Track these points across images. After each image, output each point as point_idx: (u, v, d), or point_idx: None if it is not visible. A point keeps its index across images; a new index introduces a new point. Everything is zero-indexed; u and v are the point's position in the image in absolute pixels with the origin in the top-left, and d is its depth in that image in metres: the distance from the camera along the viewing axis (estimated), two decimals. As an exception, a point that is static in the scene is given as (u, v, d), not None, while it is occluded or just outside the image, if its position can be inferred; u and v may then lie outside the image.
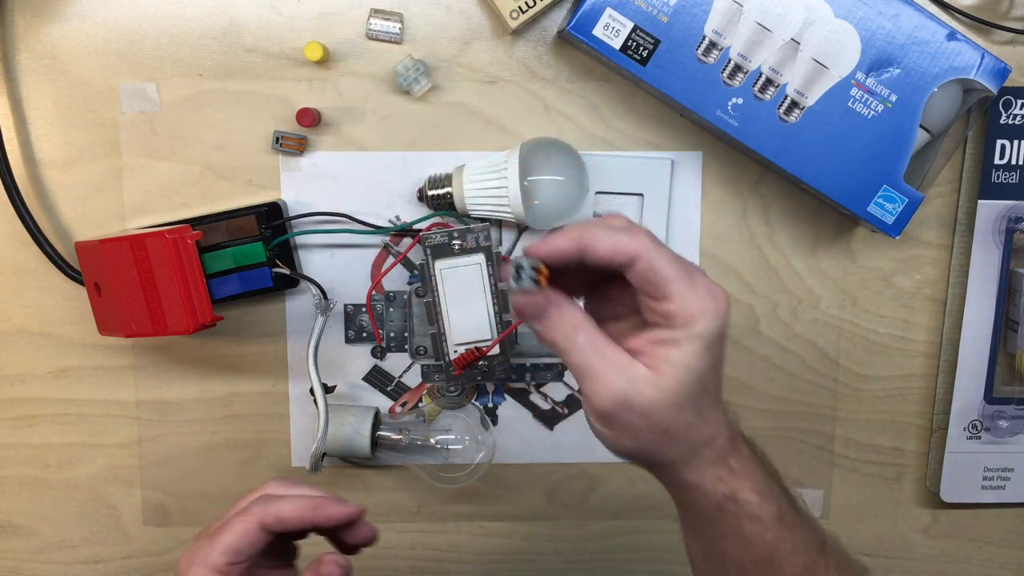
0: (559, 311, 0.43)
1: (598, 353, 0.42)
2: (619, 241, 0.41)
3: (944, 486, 0.67)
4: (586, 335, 0.42)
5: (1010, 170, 0.62)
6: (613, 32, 0.56)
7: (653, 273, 0.41)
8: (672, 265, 0.41)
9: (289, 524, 0.45)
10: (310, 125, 0.60)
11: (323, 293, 0.60)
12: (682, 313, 0.41)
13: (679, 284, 0.41)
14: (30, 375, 0.64)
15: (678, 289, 0.41)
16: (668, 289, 0.41)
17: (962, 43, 0.57)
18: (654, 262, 0.41)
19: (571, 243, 0.42)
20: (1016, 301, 0.64)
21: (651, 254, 0.41)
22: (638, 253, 0.41)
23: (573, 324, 0.43)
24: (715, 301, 0.42)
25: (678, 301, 0.41)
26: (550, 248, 0.42)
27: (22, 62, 0.60)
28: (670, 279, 0.41)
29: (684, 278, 0.41)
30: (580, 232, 0.42)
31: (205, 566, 0.44)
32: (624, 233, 0.42)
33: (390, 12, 0.60)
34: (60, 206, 0.62)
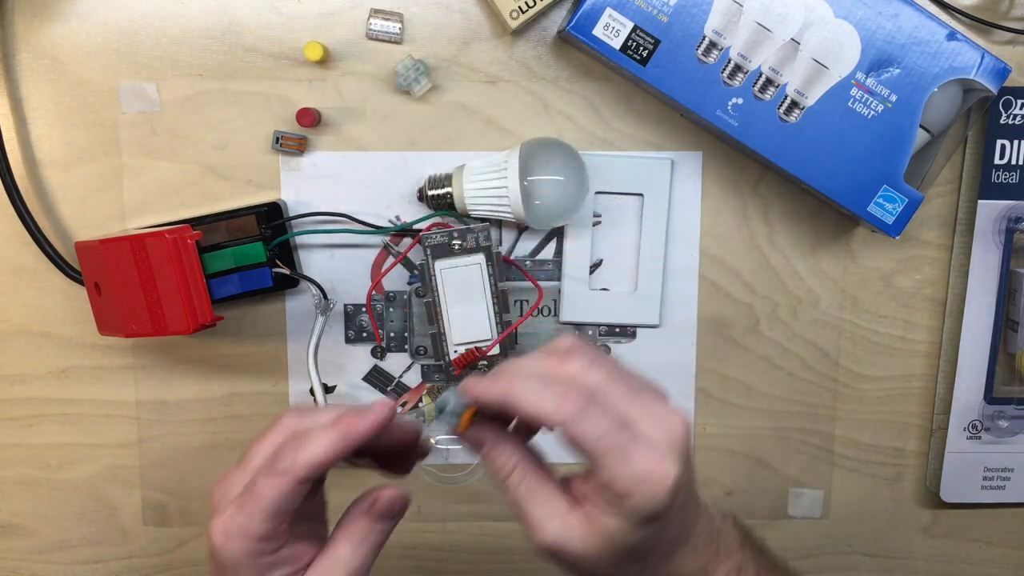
0: (491, 450, 0.42)
1: (532, 497, 0.41)
2: (543, 405, 0.39)
3: (944, 486, 0.67)
4: (520, 476, 0.41)
5: (1010, 170, 0.62)
6: (613, 32, 0.56)
7: (578, 445, 0.39)
8: (602, 438, 0.38)
9: (326, 466, 0.40)
10: (310, 125, 0.60)
11: (323, 293, 0.60)
12: (612, 488, 0.38)
13: (609, 458, 0.38)
14: (30, 375, 0.64)
15: (608, 463, 0.38)
16: (595, 462, 0.38)
17: (962, 43, 0.57)
18: (579, 434, 0.38)
19: (497, 396, 0.40)
20: (1016, 301, 0.64)
21: (576, 425, 0.38)
22: (563, 422, 0.38)
23: (505, 465, 0.41)
24: (651, 481, 0.38)
25: (606, 475, 0.38)
26: (477, 393, 0.40)
27: (22, 62, 0.60)
28: (597, 455, 0.38)
29: (615, 453, 0.38)
30: (508, 385, 0.40)
31: (247, 537, 0.40)
32: (551, 396, 0.39)
33: (390, 12, 0.60)
34: (60, 206, 0.62)
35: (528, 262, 0.63)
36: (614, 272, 0.64)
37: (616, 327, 0.65)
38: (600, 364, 0.41)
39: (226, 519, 0.40)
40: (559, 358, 0.41)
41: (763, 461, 0.67)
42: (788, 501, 0.68)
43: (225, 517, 0.40)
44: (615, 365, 0.42)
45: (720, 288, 0.64)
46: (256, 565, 0.40)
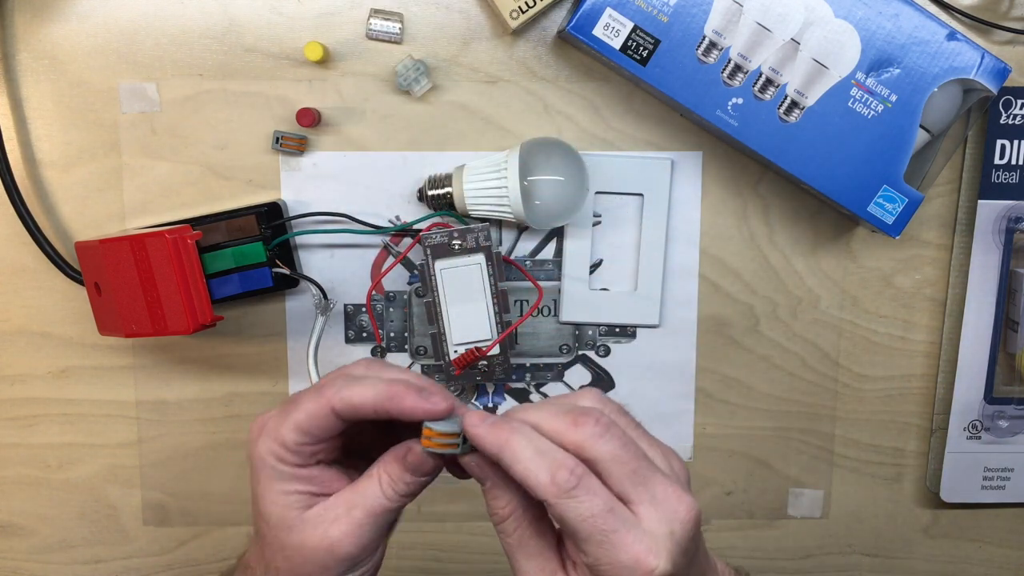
0: (491, 490, 0.40)
1: (522, 548, 0.40)
2: (533, 474, 0.37)
3: (944, 486, 0.67)
4: (515, 524, 0.40)
5: (1010, 170, 0.62)
6: (613, 32, 0.56)
7: (563, 524, 0.37)
8: (587, 521, 0.37)
9: (361, 412, 0.40)
10: (310, 125, 0.60)
11: (323, 293, 0.60)
12: (595, 572, 0.37)
13: (593, 544, 0.37)
14: (30, 375, 0.64)
15: (592, 551, 0.37)
16: (579, 546, 0.37)
17: (962, 43, 0.57)
18: (564, 514, 0.37)
19: (492, 448, 0.38)
20: (1016, 301, 0.64)
21: (561, 504, 0.37)
22: (547, 498, 0.37)
23: (503, 509, 0.40)
24: (650, 565, 0.36)
25: (591, 559, 0.37)
26: (475, 436, 0.39)
27: (22, 62, 0.60)
28: (581, 538, 0.37)
29: (600, 539, 0.37)
30: (506, 440, 0.38)
31: (274, 439, 0.41)
32: (544, 465, 0.37)
33: (390, 12, 0.60)
34: (60, 206, 0.62)
35: (528, 262, 0.63)
36: (614, 272, 0.64)
37: (616, 327, 0.65)
38: (613, 434, 0.38)
39: (265, 417, 0.42)
40: (572, 420, 0.39)
41: (763, 461, 0.67)
42: (788, 501, 0.68)
43: (265, 415, 0.42)
44: (632, 432, 0.40)
45: (720, 288, 0.64)
46: (276, 470, 0.41)
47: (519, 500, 0.40)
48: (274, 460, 0.41)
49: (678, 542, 0.37)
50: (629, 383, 0.65)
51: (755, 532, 0.68)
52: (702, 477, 0.67)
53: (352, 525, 0.41)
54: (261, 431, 0.42)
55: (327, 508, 0.42)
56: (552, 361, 0.65)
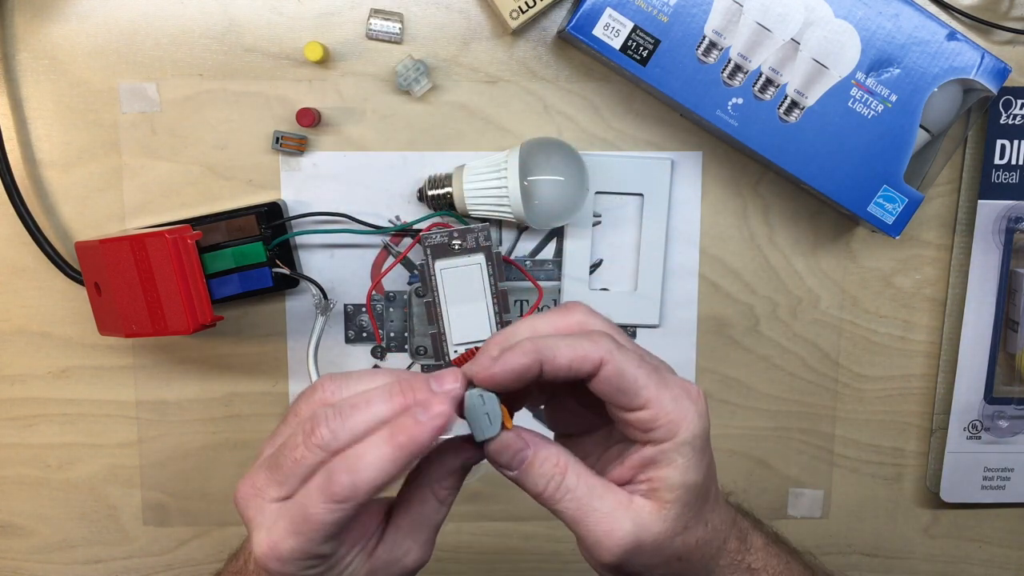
0: (539, 454, 0.38)
1: (595, 495, 0.38)
2: (581, 348, 0.37)
3: (944, 486, 0.67)
4: (576, 476, 0.38)
5: (1010, 170, 0.62)
6: (613, 32, 0.56)
7: (622, 379, 0.37)
8: (641, 367, 0.37)
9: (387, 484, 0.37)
10: (310, 125, 0.60)
11: (323, 293, 0.60)
12: (663, 421, 0.37)
13: (653, 388, 0.37)
14: (30, 375, 0.64)
15: (653, 394, 0.37)
16: (642, 395, 0.37)
17: (962, 43, 0.57)
18: (622, 366, 0.37)
19: (528, 358, 0.36)
20: (1016, 301, 0.64)
21: (616, 358, 0.37)
22: (603, 359, 0.37)
23: (559, 466, 0.38)
24: (693, 401, 0.38)
25: (656, 407, 0.37)
26: (506, 369, 0.36)
27: (22, 62, 0.60)
28: (642, 384, 0.37)
29: (656, 380, 0.37)
30: (536, 346, 0.37)
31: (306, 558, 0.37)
32: (584, 339, 0.37)
33: (390, 12, 0.60)
34: (60, 206, 0.62)
35: (528, 262, 0.63)
36: (614, 272, 0.64)
37: (616, 327, 0.65)
38: (597, 314, 0.40)
39: (277, 542, 0.37)
40: (562, 311, 0.39)
41: (763, 461, 0.67)
42: (788, 501, 0.68)
43: (276, 539, 0.37)
44: (637, 347, 0.40)
45: (720, 288, 0.64)
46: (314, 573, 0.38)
47: (565, 450, 0.39)
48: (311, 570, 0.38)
49: (702, 416, 0.39)
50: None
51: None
52: (702, 477, 0.67)
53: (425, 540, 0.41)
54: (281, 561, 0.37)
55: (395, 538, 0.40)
56: (552, 361, 0.65)
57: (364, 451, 0.36)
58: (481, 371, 0.37)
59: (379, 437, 0.36)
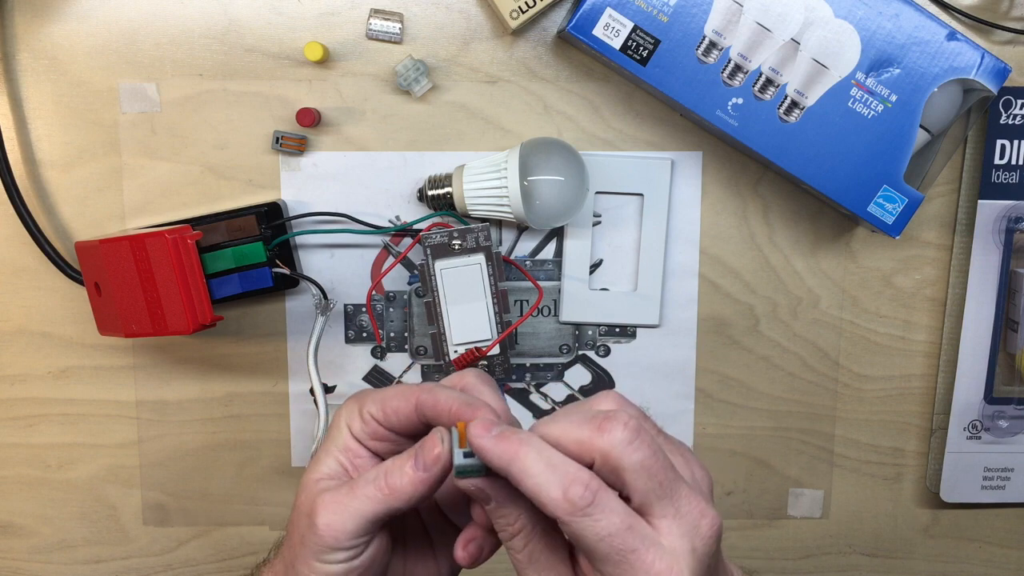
0: (498, 508, 0.38)
1: (532, 567, 0.38)
2: (543, 492, 0.35)
3: (944, 486, 0.67)
4: (524, 542, 0.38)
5: (1010, 170, 0.62)
6: (613, 32, 0.56)
7: (576, 542, 0.35)
8: (605, 540, 0.35)
9: (437, 413, 0.40)
10: (310, 125, 0.60)
11: (323, 293, 0.60)
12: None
13: (610, 567, 0.35)
14: (30, 375, 0.64)
15: (609, 571, 0.35)
16: (595, 565, 0.35)
17: (962, 43, 0.57)
18: (579, 533, 0.35)
19: (499, 462, 0.36)
20: (1016, 301, 0.64)
21: (576, 524, 0.35)
22: (560, 518, 0.35)
23: (512, 527, 0.38)
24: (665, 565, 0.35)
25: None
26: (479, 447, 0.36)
27: (22, 62, 0.60)
28: (598, 558, 0.35)
29: (617, 562, 0.35)
30: (515, 452, 0.36)
31: (356, 402, 0.42)
32: (556, 480, 0.35)
33: (390, 12, 0.60)
34: (60, 206, 0.62)
35: (528, 262, 0.64)
36: (614, 272, 0.64)
37: (616, 327, 0.65)
38: (643, 441, 0.36)
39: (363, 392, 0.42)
40: (598, 425, 0.36)
41: (763, 461, 0.67)
42: (788, 501, 0.68)
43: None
44: (657, 444, 0.37)
45: (720, 288, 0.64)
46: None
47: (528, 515, 0.38)
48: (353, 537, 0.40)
49: (700, 559, 0.36)
50: (629, 383, 0.65)
51: (755, 532, 0.68)
52: (702, 477, 0.67)
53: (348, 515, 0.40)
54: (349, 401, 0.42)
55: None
56: (552, 361, 0.65)
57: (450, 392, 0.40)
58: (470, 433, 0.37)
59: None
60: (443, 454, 0.39)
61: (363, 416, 0.42)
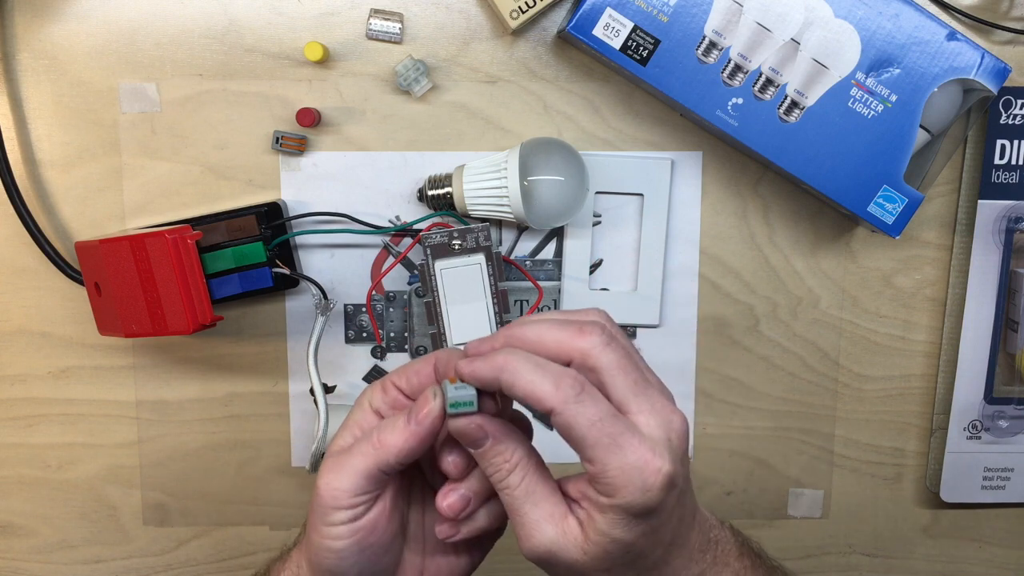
0: (495, 447, 0.40)
1: (529, 500, 0.40)
2: (538, 387, 0.37)
3: (944, 486, 0.67)
4: (521, 475, 0.40)
5: (1010, 170, 0.62)
6: (613, 32, 0.56)
7: (569, 433, 0.38)
8: (594, 426, 0.37)
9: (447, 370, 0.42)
10: (310, 125, 0.60)
11: (323, 293, 0.60)
12: (603, 480, 0.37)
13: (601, 450, 0.37)
14: (30, 375, 0.64)
15: (599, 455, 0.37)
16: (587, 453, 0.38)
17: (962, 43, 0.57)
18: (571, 421, 0.37)
19: (491, 372, 0.38)
20: (1016, 301, 0.64)
21: (570, 411, 0.37)
22: (555, 408, 0.37)
23: (508, 462, 0.40)
24: (644, 473, 0.37)
25: (599, 466, 0.37)
26: (470, 371, 0.39)
27: (22, 62, 0.60)
28: (589, 444, 0.37)
29: (608, 443, 0.37)
30: (504, 363, 0.38)
31: (380, 380, 0.44)
32: (548, 380, 0.38)
33: (390, 12, 0.60)
34: (60, 206, 0.62)
35: (528, 262, 0.63)
36: (614, 272, 0.64)
37: (616, 327, 0.65)
38: (616, 346, 0.39)
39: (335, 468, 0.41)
40: (577, 329, 0.40)
41: (763, 461, 0.67)
42: (788, 501, 0.68)
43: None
44: (631, 351, 0.40)
45: (720, 288, 0.64)
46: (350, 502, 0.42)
47: (524, 449, 0.40)
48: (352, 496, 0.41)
49: (675, 451, 0.39)
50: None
51: (755, 532, 0.68)
52: (702, 477, 0.67)
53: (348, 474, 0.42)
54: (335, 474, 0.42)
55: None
56: (552, 361, 0.65)
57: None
58: (458, 364, 0.40)
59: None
60: (434, 407, 0.40)
61: (385, 388, 0.43)
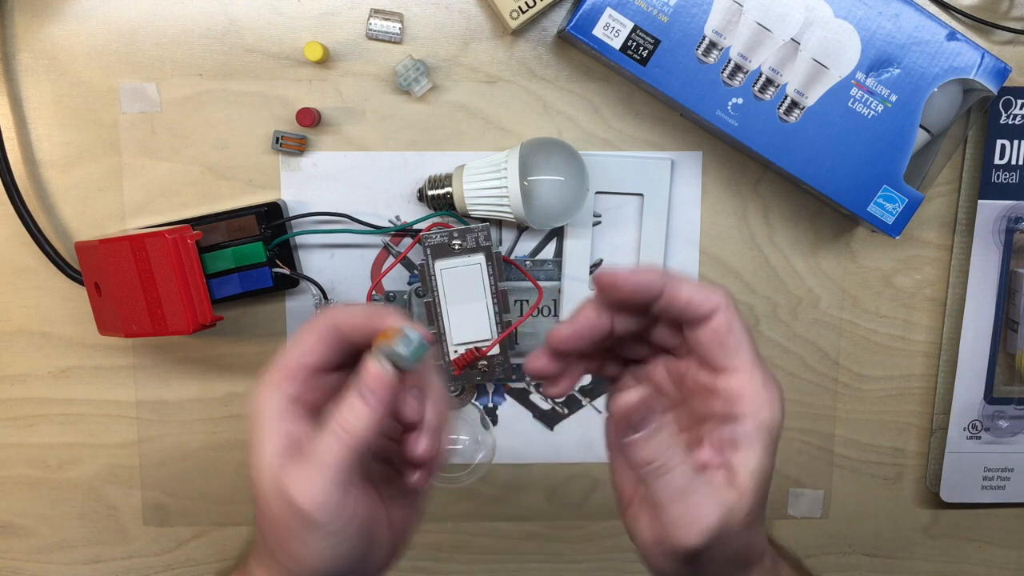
0: (663, 422, 0.36)
1: (693, 477, 0.36)
2: (704, 290, 0.38)
3: (944, 486, 0.67)
4: (682, 454, 0.36)
5: (1010, 170, 0.62)
6: (613, 32, 0.56)
7: (730, 334, 0.37)
8: (748, 334, 0.38)
9: (346, 330, 0.40)
10: (310, 125, 0.60)
11: (323, 293, 0.60)
12: (749, 394, 0.36)
13: (750, 358, 0.37)
14: (30, 375, 0.64)
15: (748, 364, 0.37)
16: (739, 358, 0.37)
17: (962, 43, 0.57)
18: (734, 320, 0.37)
19: (655, 278, 0.38)
20: (1016, 301, 0.64)
21: (732, 312, 0.38)
22: (720, 305, 0.37)
23: (674, 440, 0.36)
24: (779, 391, 0.37)
25: (746, 377, 0.37)
26: (637, 279, 0.37)
27: (22, 62, 0.60)
28: (744, 348, 0.37)
29: (754, 355, 0.37)
30: (663, 272, 0.38)
31: (266, 383, 0.40)
32: (707, 287, 0.38)
33: (390, 12, 0.60)
34: (60, 206, 0.62)
35: (528, 262, 0.64)
36: (614, 272, 0.64)
37: (616, 327, 0.65)
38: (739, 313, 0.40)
39: (308, 474, 0.37)
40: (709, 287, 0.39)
41: (763, 461, 0.67)
42: (788, 501, 0.68)
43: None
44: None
45: (720, 288, 0.64)
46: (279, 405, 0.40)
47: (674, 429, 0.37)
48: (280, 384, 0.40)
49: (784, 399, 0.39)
50: (629, 383, 0.65)
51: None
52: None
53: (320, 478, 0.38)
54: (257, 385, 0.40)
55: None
56: (552, 361, 0.65)
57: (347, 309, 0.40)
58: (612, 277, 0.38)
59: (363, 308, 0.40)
60: (386, 370, 0.38)
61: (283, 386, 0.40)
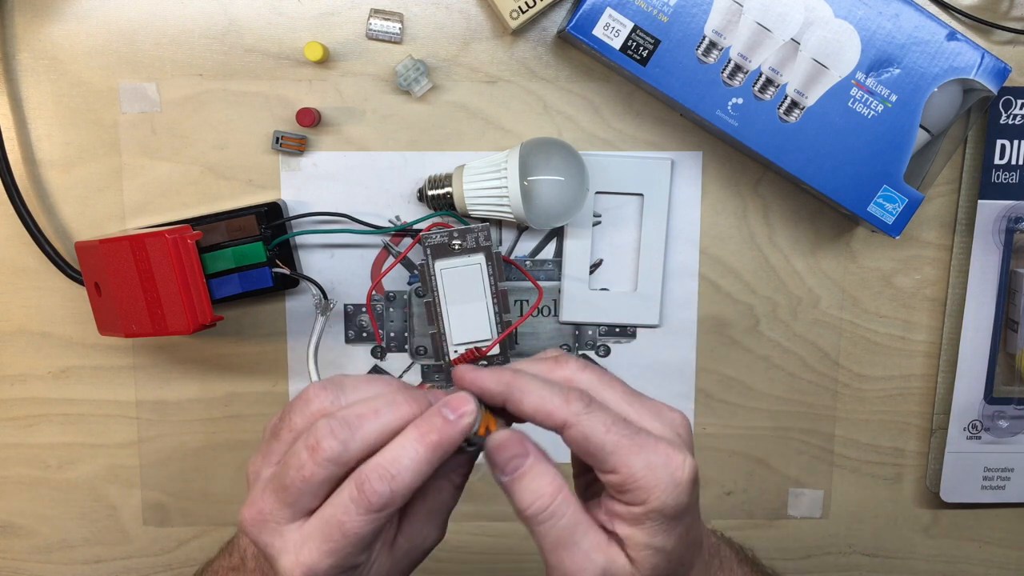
0: (536, 467, 0.37)
1: (579, 530, 0.37)
2: (548, 402, 0.36)
3: (944, 486, 0.67)
4: (565, 504, 0.37)
5: (1010, 170, 0.62)
6: (613, 32, 0.56)
7: (587, 444, 0.36)
8: (611, 432, 0.36)
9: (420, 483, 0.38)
10: (310, 125, 0.60)
11: (323, 293, 0.60)
12: (631, 486, 0.36)
13: (622, 454, 0.36)
14: (30, 375, 0.64)
15: (622, 460, 0.36)
16: (610, 461, 0.36)
17: (962, 43, 0.57)
18: (587, 431, 0.36)
19: (498, 389, 0.37)
20: (1016, 301, 0.64)
21: (583, 422, 0.36)
22: (567, 421, 0.36)
23: (552, 486, 0.37)
24: (671, 470, 0.36)
25: (624, 472, 0.36)
26: (476, 382, 0.37)
27: (22, 62, 0.60)
28: (609, 450, 0.36)
29: (628, 445, 0.36)
30: (511, 379, 0.37)
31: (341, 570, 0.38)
32: (558, 395, 0.37)
33: (390, 12, 0.60)
34: (60, 206, 0.62)
35: (528, 262, 0.64)
36: (614, 272, 0.64)
37: (616, 327, 0.65)
38: (591, 368, 0.40)
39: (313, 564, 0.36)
40: (553, 362, 0.40)
41: (763, 461, 0.67)
42: (788, 501, 0.68)
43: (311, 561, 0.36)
44: (606, 371, 0.41)
45: (720, 288, 0.64)
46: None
47: (560, 475, 0.38)
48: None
49: (687, 443, 0.38)
50: (629, 383, 0.65)
51: (755, 532, 0.68)
52: (702, 477, 0.67)
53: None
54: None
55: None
56: (552, 361, 0.65)
57: (398, 456, 0.36)
58: (457, 374, 0.38)
59: (409, 440, 0.36)
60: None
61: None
